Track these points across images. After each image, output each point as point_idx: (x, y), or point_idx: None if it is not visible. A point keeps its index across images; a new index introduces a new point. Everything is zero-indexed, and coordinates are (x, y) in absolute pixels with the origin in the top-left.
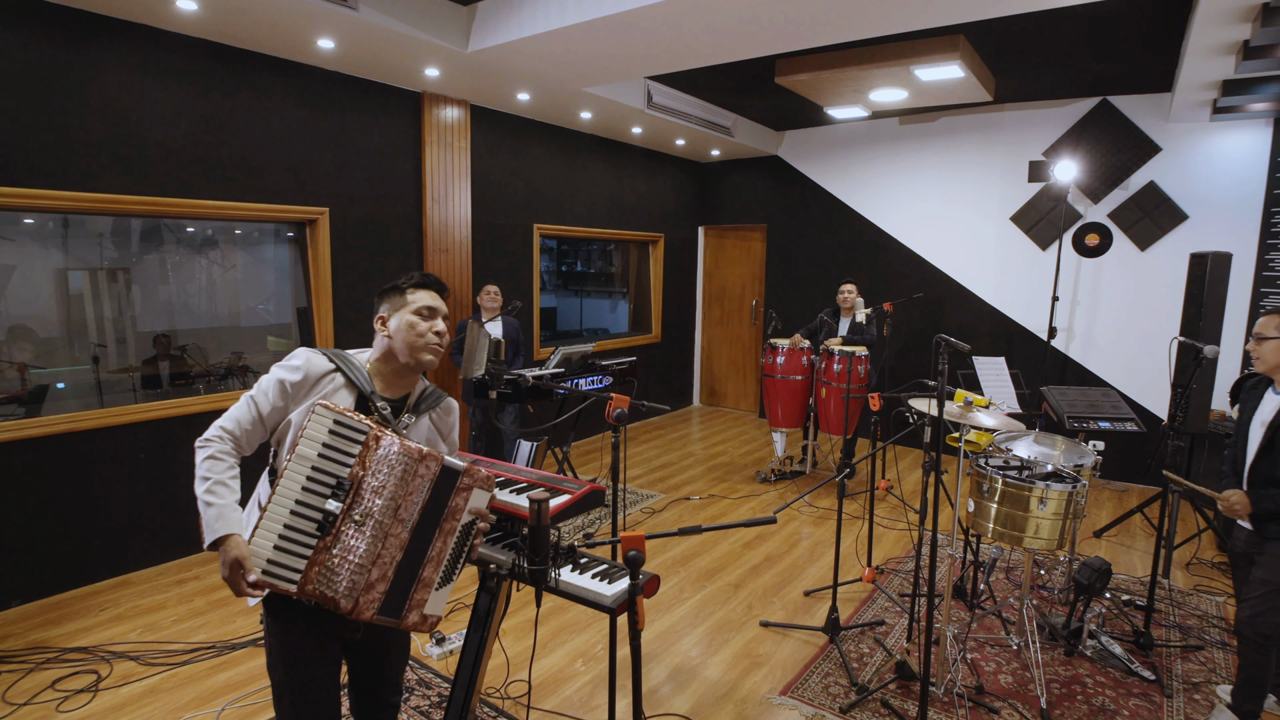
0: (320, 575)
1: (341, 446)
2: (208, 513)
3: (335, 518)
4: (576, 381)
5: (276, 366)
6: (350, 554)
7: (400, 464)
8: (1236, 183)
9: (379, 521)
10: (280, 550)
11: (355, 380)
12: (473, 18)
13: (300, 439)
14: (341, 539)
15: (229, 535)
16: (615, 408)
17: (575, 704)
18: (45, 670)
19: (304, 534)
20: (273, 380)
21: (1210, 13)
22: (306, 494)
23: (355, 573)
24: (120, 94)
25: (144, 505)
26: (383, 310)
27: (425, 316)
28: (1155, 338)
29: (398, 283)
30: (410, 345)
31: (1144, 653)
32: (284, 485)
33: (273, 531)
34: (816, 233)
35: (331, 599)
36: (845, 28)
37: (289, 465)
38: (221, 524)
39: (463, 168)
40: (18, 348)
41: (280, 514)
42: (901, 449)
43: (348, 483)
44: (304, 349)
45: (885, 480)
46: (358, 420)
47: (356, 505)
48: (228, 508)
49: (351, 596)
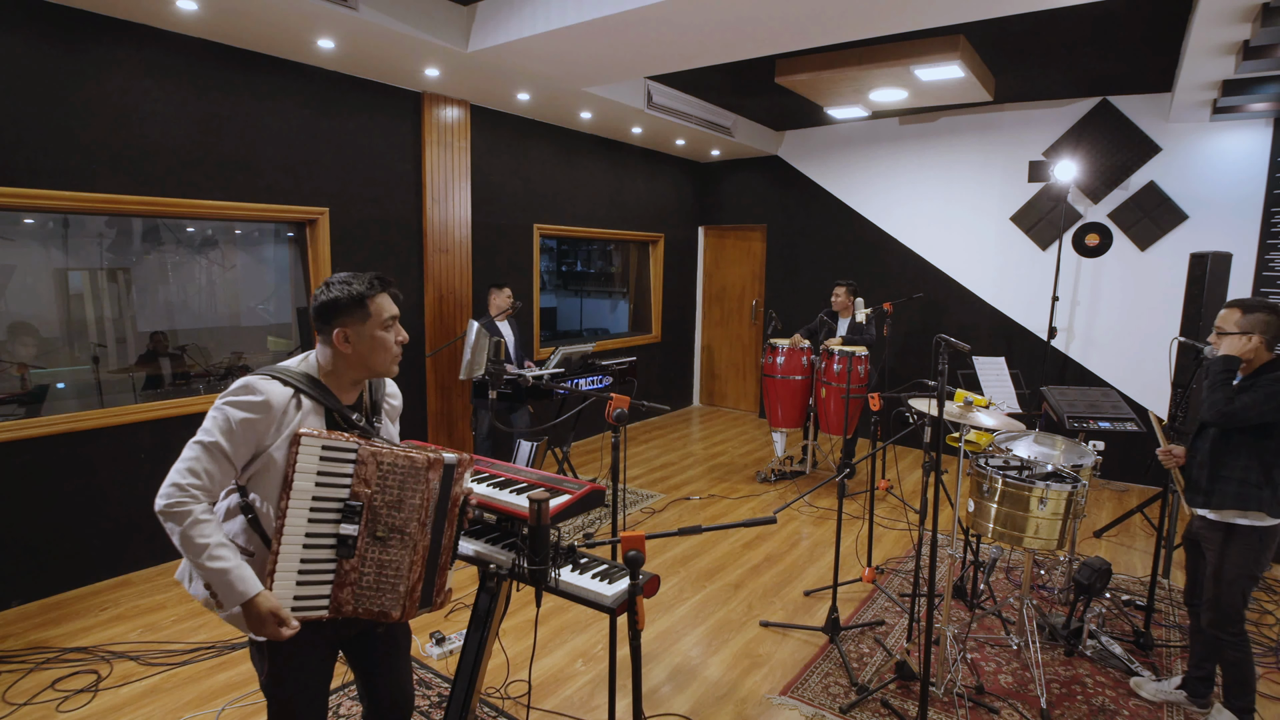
0: (358, 595)
1: (334, 470)
2: (222, 579)
3: (354, 540)
4: (576, 381)
5: (230, 405)
6: (386, 569)
7: (412, 476)
8: (1236, 183)
9: (406, 533)
10: (304, 584)
11: (319, 399)
12: (473, 18)
13: (294, 475)
14: (369, 557)
15: (257, 594)
16: (615, 408)
17: (575, 704)
18: (45, 670)
19: (322, 562)
20: (233, 420)
21: (1210, 13)
22: (314, 524)
23: (399, 583)
24: (120, 94)
25: (144, 505)
26: (341, 323)
27: (389, 328)
28: (1155, 338)
29: (356, 291)
30: (378, 361)
31: (1144, 653)
32: (290, 524)
33: (291, 570)
34: (816, 233)
35: (382, 612)
36: (845, 28)
37: (290, 504)
38: (244, 585)
39: (463, 168)
40: (20, 343)
41: (293, 550)
42: (901, 449)
43: (357, 504)
44: (249, 378)
45: (885, 480)
46: (344, 441)
47: (375, 523)
48: (240, 567)
49: (399, 604)
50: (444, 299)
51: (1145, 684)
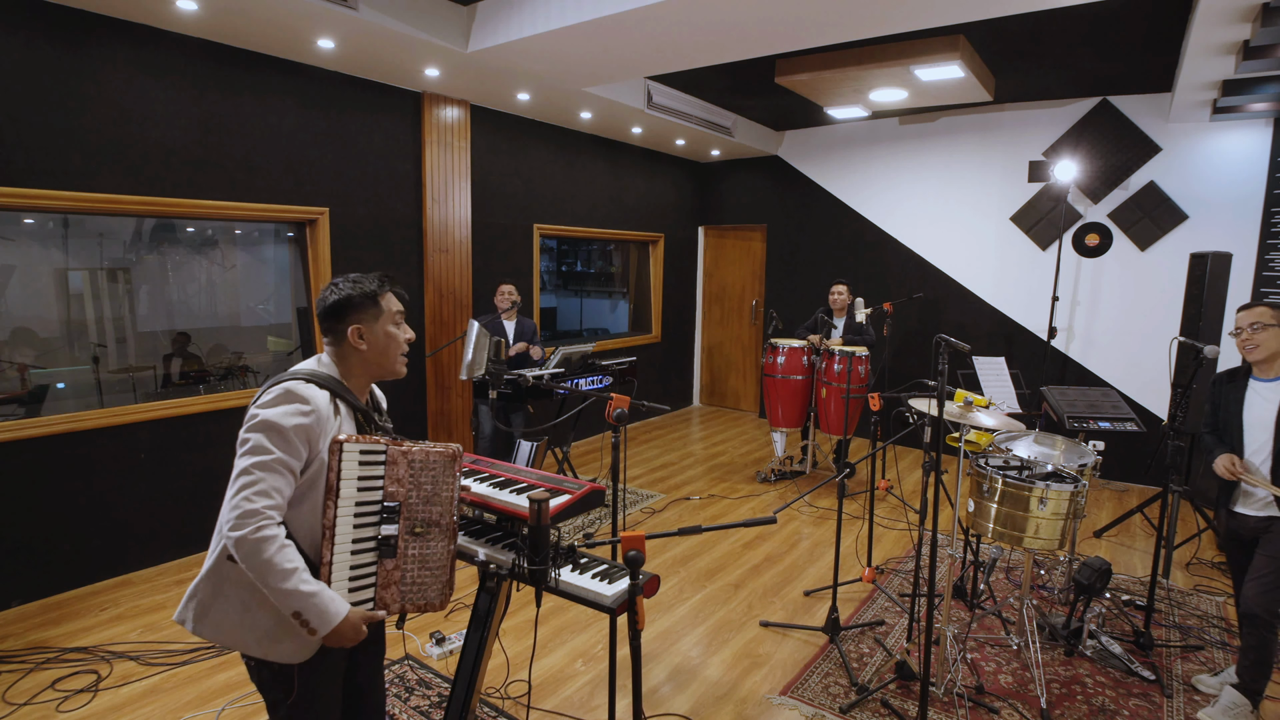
0: (405, 592)
1: (370, 474)
2: (313, 601)
3: (394, 539)
4: (576, 381)
5: (279, 416)
6: (428, 562)
7: (443, 469)
8: (1236, 183)
9: (440, 525)
10: (354, 590)
11: (351, 401)
12: (473, 18)
13: (339, 482)
14: (410, 554)
15: (348, 612)
16: (615, 408)
17: (575, 704)
18: (45, 670)
19: (366, 565)
20: (287, 430)
21: (1210, 13)
22: (358, 529)
23: (441, 573)
24: (120, 94)
25: (144, 505)
26: (355, 320)
27: (399, 324)
28: (1155, 338)
29: (369, 289)
30: (391, 359)
31: (1144, 653)
32: (339, 531)
33: (343, 578)
34: (816, 233)
35: (427, 605)
36: (845, 28)
37: (337, 512)
38: (336, 604)
39: (463, 168)
40: (19, 353)
41: (343, 559)
42: (901, 449)
43: (393, 504)
44: (288, 385)
45: (885, 480)
46: (376, 443)
47: (413, 520)
48: (325, 589)
49: (441, 595)
50: (444, 299)
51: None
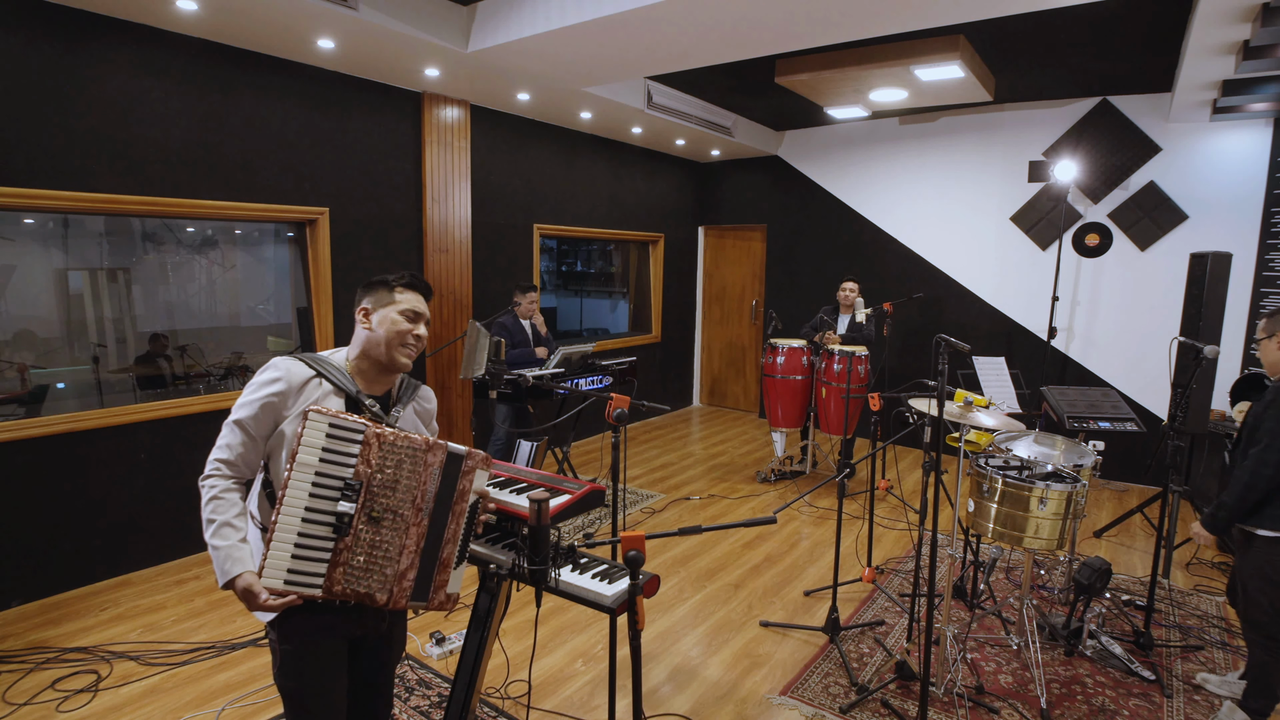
0: (348, 575)
1: (341, 449)
2: (216, 555)
3: (350, 518)
4: (576, 381)
5: (255, 383)
6: (377, 550)
7: (409, 457)
8: (1236, 183)
9: (400, 515)
10: (299, 559)
11: (339, 383)
12: (473, 18)
13: (299, 448)
14: (362, 537)
15: (238, 574)
16: (615, 408)
17: (575, 704)
18: (45, 670)
19: (319, 539)
20: (255, 397)
21: (1210, 13)
22: (315, 499)
23: (387, 566)
24: (120, 94)
25: (144, 505)
26: (367, 302)
27: (409, 319)
28: (1155, 338)
29: (387, 278)
30: (389, 342)
31: (1144, 653)
32: (290, 495)
33: (287, 542)
34: (816, 233)
35: (367, 595)
36: (845, 28)
37: (291, 476)
38: (230, 564)
39: (463, 168)
40: (20, 356)
41: (291, 524)
42: (901, 449)
43: (356, 483)
44: (280, 358)
45: (885, 480)
46: (353, 421)
47: (372, 503)
48: (233, 548)
49: (386, 589)
50: (444, 299)
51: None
